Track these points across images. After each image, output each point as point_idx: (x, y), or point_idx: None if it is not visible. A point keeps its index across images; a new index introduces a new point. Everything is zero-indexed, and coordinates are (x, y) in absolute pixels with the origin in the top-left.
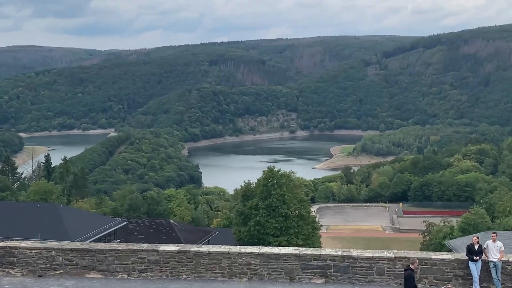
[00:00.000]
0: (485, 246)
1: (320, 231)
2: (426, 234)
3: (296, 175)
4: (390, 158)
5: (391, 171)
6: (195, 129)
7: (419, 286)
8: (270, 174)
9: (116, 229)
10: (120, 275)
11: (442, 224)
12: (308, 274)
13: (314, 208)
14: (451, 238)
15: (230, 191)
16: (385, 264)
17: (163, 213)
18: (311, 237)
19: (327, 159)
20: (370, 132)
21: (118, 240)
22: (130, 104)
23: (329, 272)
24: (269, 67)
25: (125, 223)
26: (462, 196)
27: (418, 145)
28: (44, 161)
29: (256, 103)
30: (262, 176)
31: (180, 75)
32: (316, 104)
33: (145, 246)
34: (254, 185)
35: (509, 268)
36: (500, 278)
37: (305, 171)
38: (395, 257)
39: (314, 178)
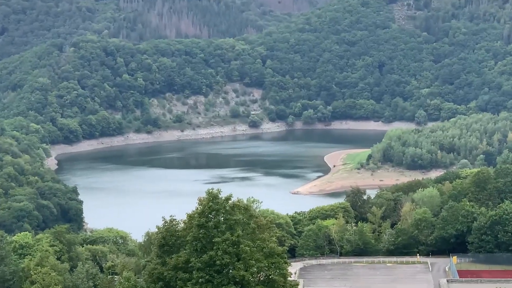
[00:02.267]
0: None
1: None
2: None
3: (262, 206)
4: (435, 174)
5: (437, 197)
6: (71, 120)
7: None
8: (211, 204)
9: None
10: None
11: None
12: None
13: (295, 268)
14: None
15: (137, 236)
16: None
17: (10, 279)
18: None
19: (319, 176)
20: (399, 125)
21: None
22: None
23: None
24: (211, 4)
25: None
26: None
27: (486, 149)
28: None
29: (186, 72)
30: (197, 208)
31: (42, 19)
32: (297, 73)
33: None
34: (183, 225)
35: None
36: None
37: (280, 197)
38: None
39: (296, 212)
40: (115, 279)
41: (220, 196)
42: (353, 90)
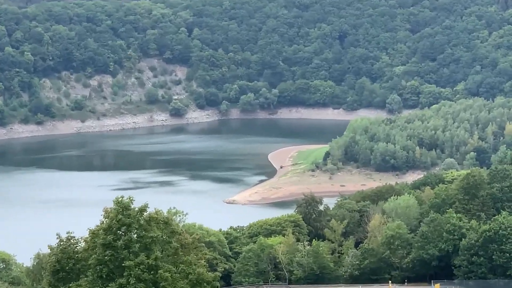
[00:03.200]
0: None
1: None
2: None
3: (188, 220)
4: (412, 177)
5: (414, 207)
6: None
7: None
8: (121, 217)
9: None
10: None
11: None
12: None
13: None
14: None
15: (24, 259)
16: None
17: None
18: None
19: (261, 180)
20: (365, 113)
21: None
22: None
23: None
24: None
25: None
26: None
27: (478, 145)
28: None
29: (88, 45)
30: (102, 222)
31: None
32: (233, 46)
33: None
34: (83, 245)
35: None
36: None
37: (210, 208)
38: None
39: (232, 227)
40: None
41: (132, 206)
42: (305, 68)
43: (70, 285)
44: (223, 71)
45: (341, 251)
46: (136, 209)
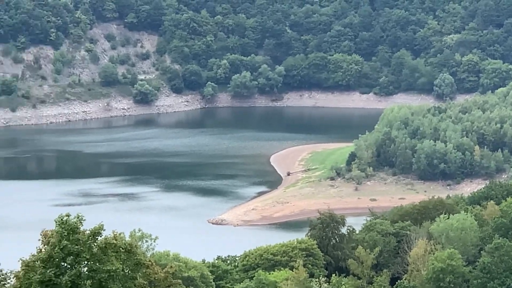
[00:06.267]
0: None
1: None
2: None
3: (159, 247)
4: (469, 188)
5: (473, 230)
6: None
7: None
8: (66, 243)
9: None
10: None
11: None
12: None
13: None
14: None
15: None
16: None
17: None
18: None
19: (261, 192)
20: (404, 99)
21: None
22: None
23: None
24: None
25: None
26: None
27: None
28: None
29: (21, 4)
30: (39, 250)
31: None
32: (221, 6)
33: None
34: (14, 282)
35: None
36: None
37: (190, 231)
38: None
39: (220, 257)
40: None
41: (82, 228)
42: (322, 38)
43: None
44: (208, 41)
45: None
46: (87, 232)
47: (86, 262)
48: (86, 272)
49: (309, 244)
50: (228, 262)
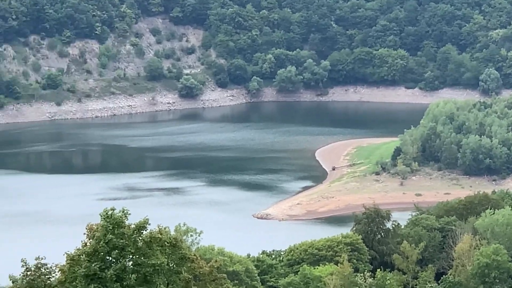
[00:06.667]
0: None
1: None
2: None
3: (204, 241)
4: None
5: None
6: None
7: None
8: (111, 237)
9: None
10: None
11: None
12: None
13: None
14: None
15: None
16: None
17: None
18: None
19: (306, 187)
20: (450, 94)
21: None
22: None
23: None
24: None
25: None
26: None
27: None
28: None
29: None
30: (85, 244)
31: None
32: (267, 0)
33: None
34: (59, 275)
35: None
36: None
37: (235, 225)
38: None
39: (265, 251)
40: None
41: (127, 222)
42: (368, 32)
43: None
44: (253, 36)
45: (416, 285)
46: (132, 226)
47: (131, 256)
48: (131, 266)
49: (354, 239)
50: (273, 256)
